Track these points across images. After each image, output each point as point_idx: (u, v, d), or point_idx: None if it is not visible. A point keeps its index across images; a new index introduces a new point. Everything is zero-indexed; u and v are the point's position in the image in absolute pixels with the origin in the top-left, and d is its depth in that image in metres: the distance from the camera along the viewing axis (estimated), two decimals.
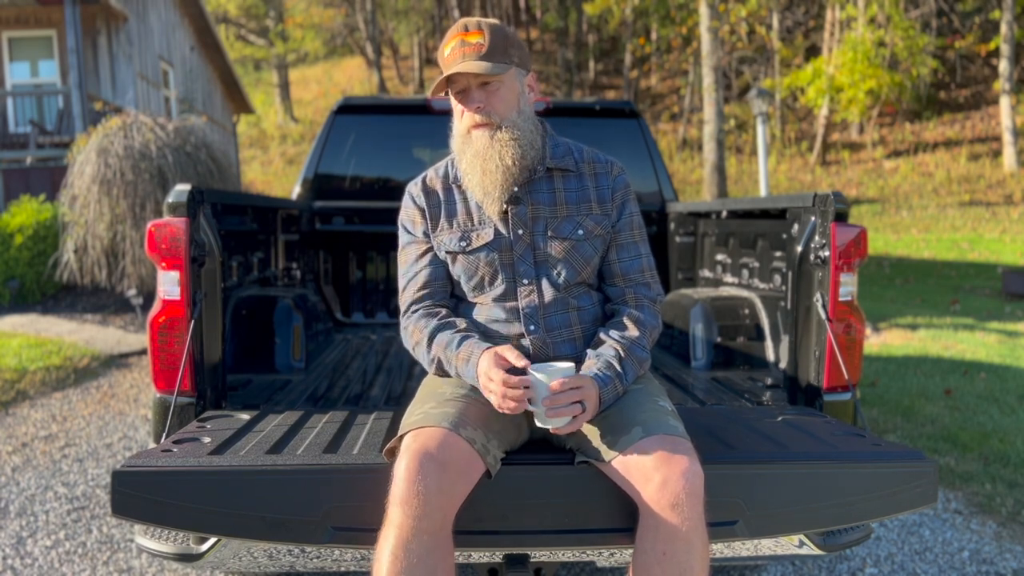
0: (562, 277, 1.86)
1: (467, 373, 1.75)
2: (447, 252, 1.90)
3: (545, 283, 1.86)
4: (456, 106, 1.85)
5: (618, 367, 1.76)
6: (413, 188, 1.98)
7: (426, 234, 1.94)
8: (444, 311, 1.91)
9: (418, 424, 1.65)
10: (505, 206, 1.86)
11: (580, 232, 1.87)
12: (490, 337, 1.87)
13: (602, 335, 1.84)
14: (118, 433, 4.57)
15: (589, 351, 1.83)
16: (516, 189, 1.86)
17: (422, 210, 1.94)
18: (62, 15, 12.32)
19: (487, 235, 1.87)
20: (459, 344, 1.77)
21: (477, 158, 1.81)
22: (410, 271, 1.95)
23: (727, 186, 13.16)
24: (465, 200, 1.92)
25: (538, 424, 1.70)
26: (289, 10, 31.85)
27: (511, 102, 1.82)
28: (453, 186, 1.95)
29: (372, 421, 2.09)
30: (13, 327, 7.57)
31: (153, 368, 2.17)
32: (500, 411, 1.67)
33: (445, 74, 1.77)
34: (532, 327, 1.85)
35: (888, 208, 18.50)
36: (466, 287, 1.91)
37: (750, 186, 20.66)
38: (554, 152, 1.92)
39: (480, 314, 1.90)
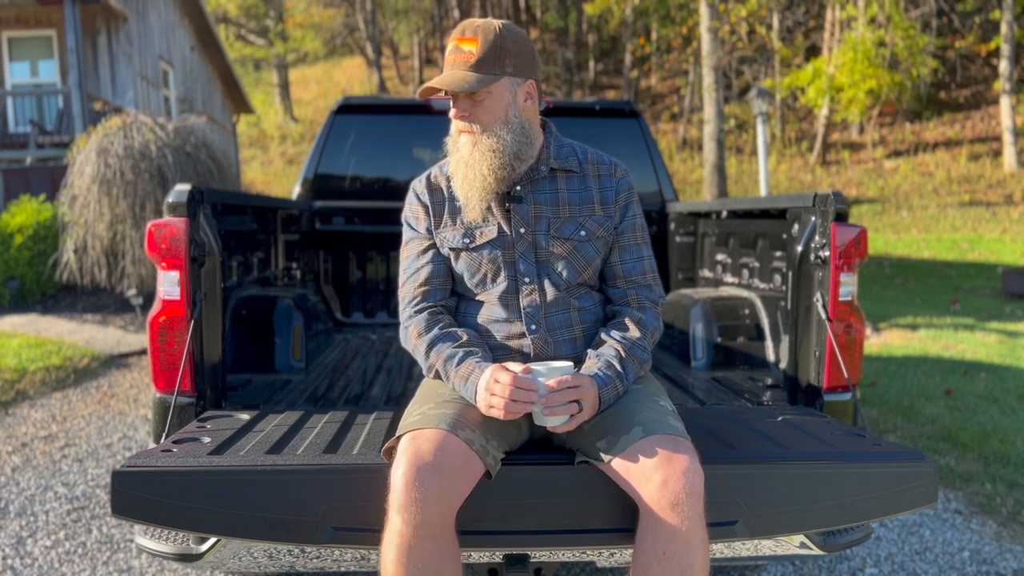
0: (563, 277, 1.87)
1: (465, 391, 1.75)
2: (450, 249, 1.91)
3: (547, 283, 1.87)
4: (451, 107, 1.87)
5: (618, 367, 1.77)
6: (418, 185, 1.99)
7: (429, 231, 1.94)
8: (447, 317, 1.91)
9: (416, 425, 1.65)
10: (508, 203, 1.87)
11: (582, 233, 1.88)
12: (491, 338, 1.88)
13: (603, 335, 1.85)
14: (118, 433, 4.57)
15: (590, 351, 1.83)
16: (519, 188, 1.88)
17: (426, 207, 1.94)
18: (62, 15, 12.32)
19: (490, 232, 1.87)
20: (460, 361, 1.76)
21: (460, 164, 1.84)
22: (411, 267, 1.95)
23: (727, 186, 13.15)
24: None
25: (536, 422, 1.71)
26: (289, 10, 31.84)
27: (496, 112, 1.81)
28: None
29: (372, 421, 2.09)
30: (13, 327, 7.57)
31: (153, 368, 2.17)
32: (506, 417, 1.65)
33: (427, 84, 1.78)
34: (533, 326, 1.85)
35: (888, 208, 18.50)
36: (468, 284, 1.92)
37: (750, 186, 20.65)
38: (558, 153, 1.92)
39: (482, 313, 1.90)
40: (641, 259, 1.94)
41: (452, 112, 1.84)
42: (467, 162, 1.82)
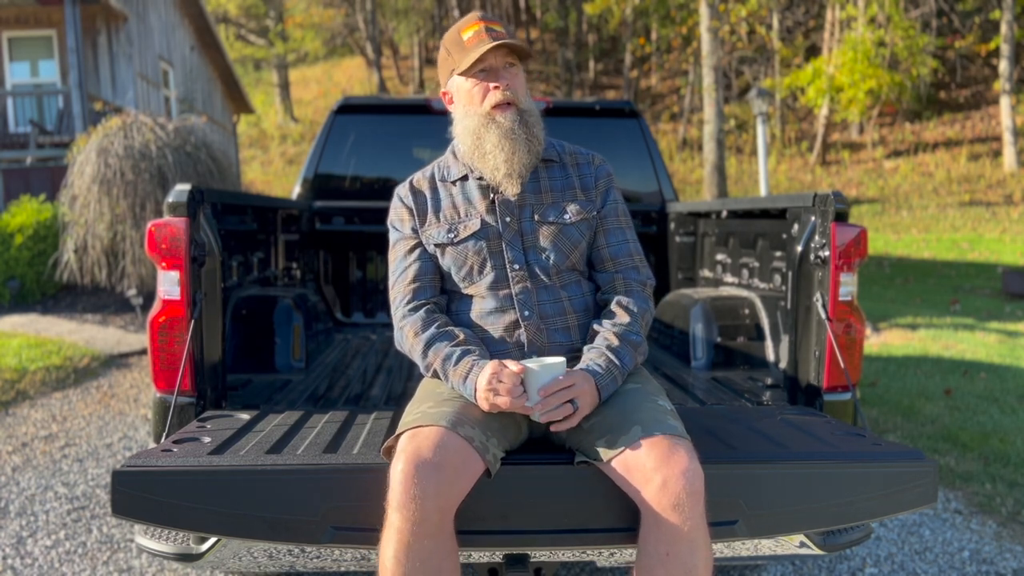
0: (551, 261, 1.90)
1: (464, 389, 1.76)
2: (435, 245, 1.94)
3: (536, 268, 1.90)
4: (473, 88, 1.88)
5: (613, 357, 1.79)
6: (401, 190, 2.04)
7: (414, 230, 1.98)
8: (442, 316, 1.93)
9: (415, 423, 1.65)
10: (492, 195, 1.92)
11: (566, 216, 1.93)
12: (485, 332, 1.90)
13: (595, 327, 1.88)
14: (118, 433, 4.57)
15: (585, 346, 1.85)
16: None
17: (410, 208, 1.99)
18: (62, 15, 12.32)
19: (474, 225, 1.91)
20: (458, 360, 1.78)
21: (505, 138, 1.86)
22: (400, 267, 1.98)
23: (727, 186, 13.15)
24: (451, 195, 1.97)
25: (533, 418, 1.72)
26: (289, 10, 31.83)
27: (524, 88, 1.91)
28: (440, 184, 2.01)
29: (372, 421, 2.09)
30: (13, 327, 7.57)
31: (153, 368, 2.17)
32: (510, 409, 1.68)
33: (490, 46, 1.81)
34: (527, 312, 1.87)
35: (888, 208, 18.50)
36: (456, 278, 1.94)
37: (750, 186, 20.65)
38: None
39: (474, 308, 1.92)
40: (626, 241, 1.99)
41: (484, 89, 1.86)
42: (515, 134, 1.85)
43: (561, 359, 1.73)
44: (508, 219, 1.91)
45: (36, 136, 11.73)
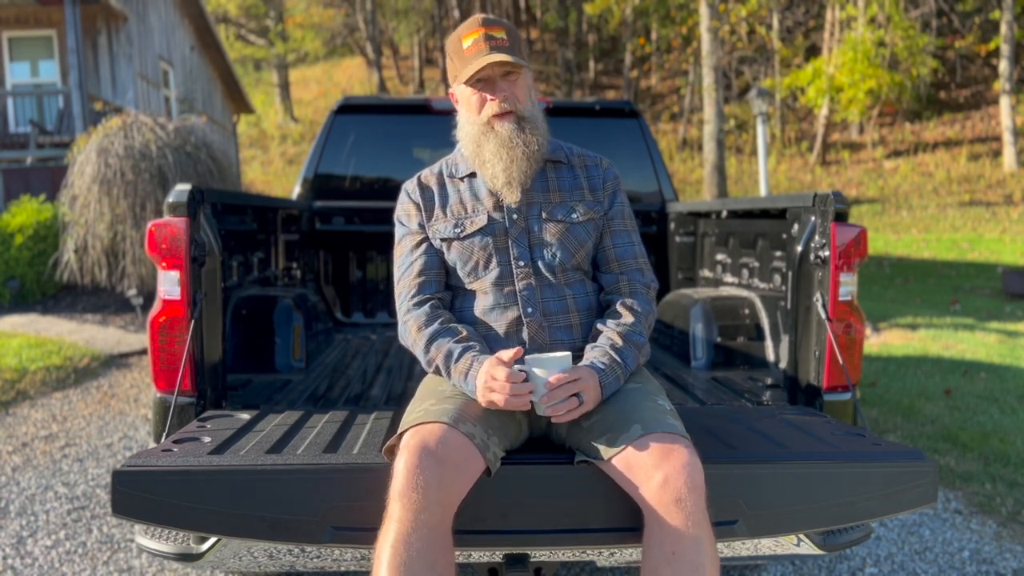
0: (557, 259, 1.91)
1: (465, 386, 1.77)
2: (442, 239, 1.95)
3: (540, 265, 1.91)
4: (471, 97, 1.89)
5: (617, 356, 1.80)
6: (408, 185, 2.05)
7: (421, 226, 1.99)
8: (446, 312, 1.94)
9: (418, 420, 1.66)
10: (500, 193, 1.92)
11: (574, 215, 1.94)
12: (489, 329, 1.90)
13: (599, 326, 1.89)
14: (118, 433, 4.57)
15: (588, 344, 1.86)
16: None
17: (417, 204, 2.00)
18: (62, 15, 12.32)
19: (480, 221, 1.92)
20: (459, 357, 1.79)
21: (503, 147, 1.87)
22: (405, 261, 1.98)
23: (727, 186, 13.15)
24: (459, 192, 1.99)
25: (537, 412, 1.72)
26: (289, 10, 31.83)
27: (526, 94, 1.91)
28: (448, 180, 2.02)
29: (372, 421, 2.09)
30: (13, 327, 7.57)
31: (153, 368, 2.17)
32: (507, 408, 1.69)
33: (485, 62, 1.81)
34: (530, 309, 1.88)
35: (888, 208, 18.50)
36: (461, 273, 1.95)
37: (750, 186, 20.65)
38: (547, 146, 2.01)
39: (478, 304, 1.93)
40: (631, 244, 2.01)
41: (481, 99, 1.87)
42: (512, 143, 1.86)
43: (567, 353, 1.74)
44: (515, 216, 1.92)
45: (36, 136, 11.73)
